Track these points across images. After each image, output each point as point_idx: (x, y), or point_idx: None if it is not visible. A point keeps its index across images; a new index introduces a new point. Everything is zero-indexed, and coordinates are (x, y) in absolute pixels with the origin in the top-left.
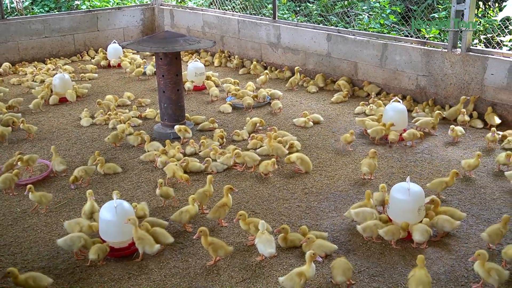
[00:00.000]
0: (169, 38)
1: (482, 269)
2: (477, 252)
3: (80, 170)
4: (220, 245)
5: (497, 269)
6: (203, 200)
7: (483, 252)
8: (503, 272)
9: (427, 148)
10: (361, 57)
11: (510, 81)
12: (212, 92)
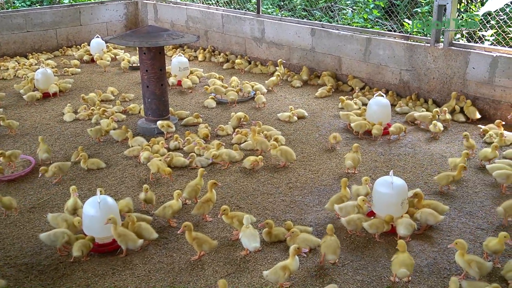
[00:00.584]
0: (152, 32)
1: (461, 260)
2: (456, 241)
3: (54, 166)
4: (204, 240)
5: (478, 261)
6: (195, 194)
7: (461, 241)
8: (485, 264)
9: (410, 142)
10: (345, 52)
11: (491, 76)
12: (184, 84)
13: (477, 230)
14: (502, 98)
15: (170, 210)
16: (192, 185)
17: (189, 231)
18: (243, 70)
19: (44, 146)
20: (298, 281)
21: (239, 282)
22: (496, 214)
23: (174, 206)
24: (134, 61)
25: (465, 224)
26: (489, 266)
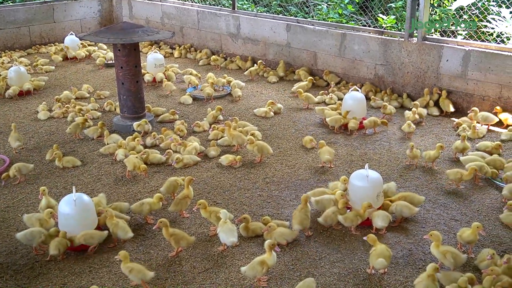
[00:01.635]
0: (127, 29)
1: (436, 250)
2: (430, 233)
3: (14, 167)
4: (181, 236)
5: (453, 252)
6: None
7: (435, 232)
8: (460, 255)
9: (386, 136)
10: (320, 47)
11: (464, 69)
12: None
13: (451, 221)
14: (475, 91)
15: (147, 207)
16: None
17: (165, 228)
18: (219, 66)
19: (16, 134)
20: (276, 275)
21: (216, 278)
22: (469, 205)
23: (153, 205)
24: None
25: (440, 216)
26: (464, 257)
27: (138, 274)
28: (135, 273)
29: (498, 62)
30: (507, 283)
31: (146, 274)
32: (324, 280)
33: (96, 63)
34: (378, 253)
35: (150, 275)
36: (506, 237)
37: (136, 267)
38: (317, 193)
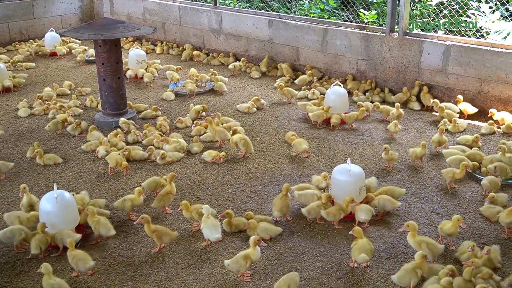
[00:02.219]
0: (108, 25)
1: (412, 240)
2: (406, 223)
3: None
4: (164, 232)
5: (429, 242)
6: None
7: (412, 223)
8: (437, 245)
9: (368, 131)
10: (302, 42)
11: (445, 64)
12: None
13: (433, 214)
14: (455, 85)
15: (129, 203)
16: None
17: (147, 224)
18: (202, 62)
19: None
20: (259, 270)
21: (200, 273)
22: (450, 198)
23: (134, 201)
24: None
25: (421, 209)
26: (441, 248)
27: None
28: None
29: (478, 56)
30: (487, 274)
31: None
32: (307, 274)
33: (77, 60)
34: (360, 247)
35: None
36: (486, 229)
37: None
38: (301, 188)
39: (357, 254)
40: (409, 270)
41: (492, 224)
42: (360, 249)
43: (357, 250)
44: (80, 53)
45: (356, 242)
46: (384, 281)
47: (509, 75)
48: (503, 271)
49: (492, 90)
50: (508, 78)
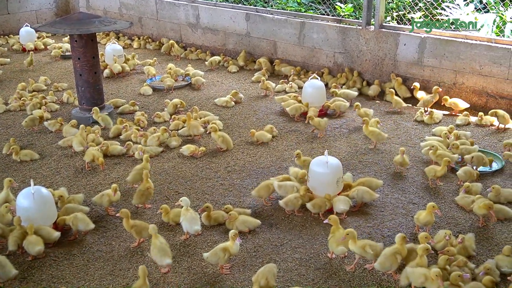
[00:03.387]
0: (83, 19)
1: (355, 247)
2: (346, 231)
3: None
4: (143, 227)
5: (370, 244)
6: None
7: (350, 230)
8: (377, 245)
9: (345, 123)
10: (280, 36)
11: (420, 56)
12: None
13: (409, 204)
14: (431, 77)
15: (107, 198)
16: (138, 168)
17: (127, 219)
18: (179, 57)
19: None
20: (238, 262)
21: (179, 267)
22: (426, 188)
23: (111, 196)
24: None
25: (398, 200)
26: (380, 246)
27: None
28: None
29: (453, 48)
30: (462, 262)
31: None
32: (286, 265)
33: (52, 55)
34: (337, 239)
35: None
36: (462, 218)
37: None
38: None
39: (335, 246)
40: (388, 255)
41: (467, 213)
42: (337, 241)
43: (334, 242)
44: (55, 48)
45: (333, 234)
46: (361, 270)
47: (483, 67)
48: (477, 259)
49: (466, 81)
50: (482, 69)
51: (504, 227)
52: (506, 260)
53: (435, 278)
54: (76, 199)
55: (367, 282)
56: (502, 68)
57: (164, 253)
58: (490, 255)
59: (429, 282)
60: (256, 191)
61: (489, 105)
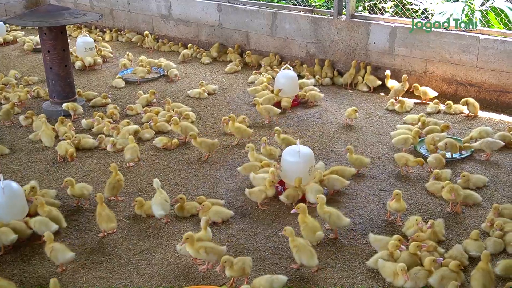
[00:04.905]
0: (52, 11)
1: (191, 249)
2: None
3: None
4: (106, 218)
5: (208, 246)
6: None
7: (189, 234)
8: (218, 248)
9: (318, 113)
10: (252, 27)
11: (391, 45)
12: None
13: (381, 192)
14: (402, 66)
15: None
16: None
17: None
18: (152, 49)
19: None
20: None
21: (152, 258)
22: (397, 176)
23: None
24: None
25: (370, 187)
26: (222, 249)
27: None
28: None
29: (423, 37)
30: (432, 247)
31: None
32: (259, 254)
33: (23, 48)
34: (311, 227)
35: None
36: (432, 204)
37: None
38: (247, 167)
39: (312, 234)
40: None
41: (437, 199)
42: (312, 229)
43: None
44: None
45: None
46: (334, 258)
47: (452, 55)
48: (447, 244)
49: (436, 70)
50: (451, 58)
51: (473, 212)
52: (474, 244)
53: (400, 272)
54: (48, 194)
55: (338, 269)
56: (471, 56)
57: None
58: (459, 240)
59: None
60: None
61: (458, 93)
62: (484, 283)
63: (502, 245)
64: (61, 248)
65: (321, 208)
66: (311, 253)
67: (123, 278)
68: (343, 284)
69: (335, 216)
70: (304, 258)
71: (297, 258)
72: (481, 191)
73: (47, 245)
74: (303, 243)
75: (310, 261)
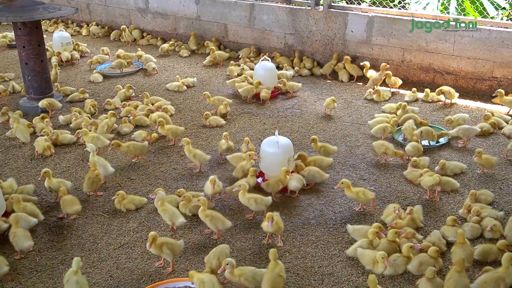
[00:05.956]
0: (27, 6)
1: (153, 249)
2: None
3: None
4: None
5: (169, 242)
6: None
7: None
8: (177, 243)
9: (297, 104)
10: (230, 19)
11: (369, 35)
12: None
13: (360, 180)
14: (380, 56)
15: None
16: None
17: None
18: (129, 43)
19: None
20: (192, 245)
21: (132, 252)
22: (376, 165)
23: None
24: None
25: (349, 176)
26: (179, 244)
27: None
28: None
29: (399, 26)
30: (410, 234)
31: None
32: (240, 244)
33: None
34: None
35: None
36: (410, 191)
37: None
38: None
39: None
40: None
41: (415, 187)
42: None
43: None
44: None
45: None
46: (313, 247)
47: (429, 44)
48: (425, 230)
49: (414, 58)
50: (428, 46)
51: (451, 199)
52: (451, 230)
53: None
54: (26, 190)
55: (318, 258)
56: (447, 45)
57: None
58: (437, 226)
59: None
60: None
61: (436, 81)
62: (463, 256)
63: (479, 230)
64: (22, 235)
65: (349, 190)
66: None
67: (103, 273)
68: (323, 272)
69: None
70: None
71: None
72: (458, 178)
73: (12, 229)
74: None
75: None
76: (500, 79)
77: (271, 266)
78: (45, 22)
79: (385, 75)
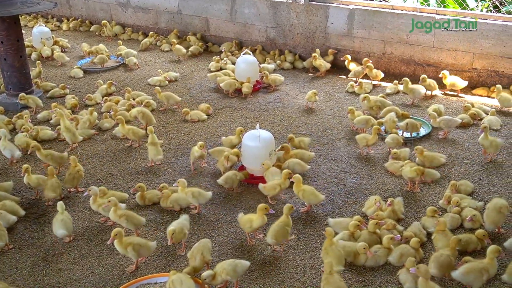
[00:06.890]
0: (4, 1)
1: (120, 248)
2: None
3: None
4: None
5: (136, 243)
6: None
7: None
8: (148, 244)
9: (279, 97)
10: (211, 12)
11: (350, 28)
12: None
13: (341, 173)
14: (361, 48)
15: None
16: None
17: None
18: (110, 37)
19: None
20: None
21: (114, 248)
22: (358, 157)
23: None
24: None
25: (330, 169)
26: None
27: None
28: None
29: (380, 19)
30: (391, 225)
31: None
32: (221, 239)
33: None
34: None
35: None
36: (391, 183)
37: None
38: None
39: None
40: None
41: (396, 178)
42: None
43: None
44: None
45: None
46: (295, 240)
47: (409, 36)
48: (406, 221)
49: (395, 51)
50: (409, 39)
51: (431, 190)
52: (431, 220)
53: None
54: (3, 187)
55: (299, 251)
56: (428, 37)
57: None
58: (418, 217)
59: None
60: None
61: (417, 73)
62: (444, 243)
63: (459, 220)
64: None
65: (297, 187)
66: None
67: (84, 269)
68: (305, 265)
69: (309, 193)
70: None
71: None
72: (439, 168)
73: None
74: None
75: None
76: (480, 70)
77: (282, 219)
78: (25, 17)
79: (367, 67)
